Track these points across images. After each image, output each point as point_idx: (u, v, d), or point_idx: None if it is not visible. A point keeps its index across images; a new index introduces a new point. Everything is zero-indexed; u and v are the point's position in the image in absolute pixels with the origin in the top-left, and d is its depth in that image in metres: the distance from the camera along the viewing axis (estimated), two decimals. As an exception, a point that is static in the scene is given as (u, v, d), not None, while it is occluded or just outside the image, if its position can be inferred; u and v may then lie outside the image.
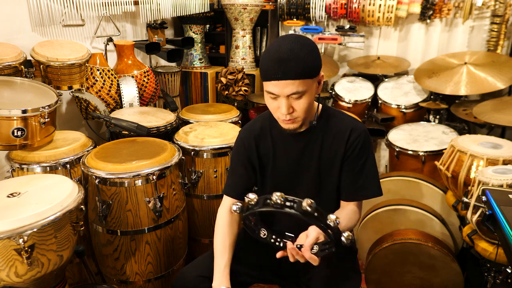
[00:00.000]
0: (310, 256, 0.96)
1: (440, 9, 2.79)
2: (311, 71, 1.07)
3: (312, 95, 1.13)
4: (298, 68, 1.04)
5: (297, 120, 1.15)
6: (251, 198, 0.95)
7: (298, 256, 0.97)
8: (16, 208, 1.14)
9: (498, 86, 2.35)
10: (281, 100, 1.10)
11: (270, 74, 1.07)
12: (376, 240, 1.96)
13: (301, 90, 1.07)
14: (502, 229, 0.97)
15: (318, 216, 0.90)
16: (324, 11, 3.04)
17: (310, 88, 1.10)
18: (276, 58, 1.05)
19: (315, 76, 1.10)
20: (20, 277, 1.14)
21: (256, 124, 1.32)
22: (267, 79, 1.09)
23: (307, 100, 1.10)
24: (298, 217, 0.89)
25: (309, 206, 0.88)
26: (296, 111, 1.12)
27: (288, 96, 1.09)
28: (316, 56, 1.09)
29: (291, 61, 1.03)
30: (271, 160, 1.29)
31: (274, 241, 1.05)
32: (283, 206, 0.91)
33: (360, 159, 1.22)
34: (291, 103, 1.10)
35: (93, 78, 2.20)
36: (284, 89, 1.07)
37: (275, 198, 0.91)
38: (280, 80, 1.05)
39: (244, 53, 3.24)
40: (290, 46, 1.05)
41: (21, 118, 1.57)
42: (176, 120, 2.17)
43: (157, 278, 1.77)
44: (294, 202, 0.91)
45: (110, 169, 1.57)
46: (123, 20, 2.72)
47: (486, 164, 1.58)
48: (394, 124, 2.74)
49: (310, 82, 1.09)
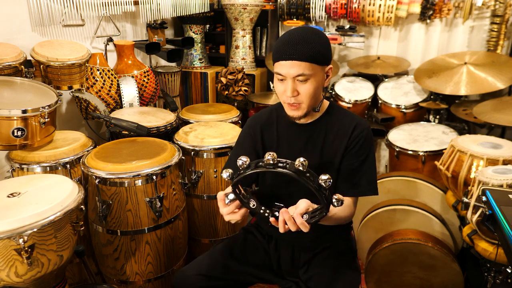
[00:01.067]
0: (302, 221, 0.95)
1: (440, 9, 2.79)
2: (318, 57, 1.11)
3: (318, 82, 1.15)
4: (305, 51, 1.08)
5: (302, 107, 1.17)
6: (244, 161, 0.93)
7: (289, 223, 0.96)
8: (16, 208, 1.14)
9: (498, 86, 2.35)
10: (287, 82, 1.13)
11: (279, 55, 1.12)
12: (376, 240, 1.96)
13: (307, 73, 1.10)
14: (502, 229, 0.97)
15: (309, 176, 0.89)
16: (324, 11, 3.04)
17: (316, 74, 1.13)
18: (286, 41, 1.11)
19: (322, 63, 1.13)
20: (20, 277, 1.14)
21: (264, 114, 1.36)
22: (276, 60, 1.13)
23: (312, 85, 1.13)
24: (290, 176, 0.88)
25: (302, 165, 0.87)
26: (300, 95, 1.15)
27: (294, 78, 1.12)
28: (325, 45, 1.14)
29: (300, 44, 1.09)
30: (274, 150, 1.31)
31: (263, 212, 1.03)
32: (276, 166, 0.90)
33: (360, 156, 1.23)
34: (297, 86, 1.14)
35: (93, 78, 2.20)
36: (290, 70, 1.10)
37: (269, 158, 0.90)
38: (288, 60, 1.10)
39: (244, 53, 3.24)
40: (303, 31, 1.12)
41: (21, 118, 1.57)
42: (176, 120, 2.17)
43: (157, 278, 1.77)
44: (287, 163, 0.90)
45: (110, 169, 1.57)
46: (123, 20, 2.72)
47: (486, 164, 1.58)
48: (394, 124, 2.74)
49: (317, 68, 1.12)
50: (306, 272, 1.31)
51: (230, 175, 0.96)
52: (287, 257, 1.36)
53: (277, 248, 1.38)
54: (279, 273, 1.37)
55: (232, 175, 0.96)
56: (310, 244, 1.34)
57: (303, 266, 1.33)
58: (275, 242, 1.39)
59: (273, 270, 1.37)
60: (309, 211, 0.97)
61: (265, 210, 1.03)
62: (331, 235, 1.35)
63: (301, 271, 1.33)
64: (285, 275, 1.37)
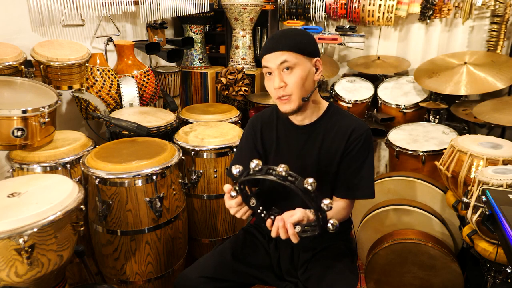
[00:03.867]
0: (293, 232, 0.97)
1: (440, 9, 2.79)
2: (301, 47, 1.14)
3: (304, 72, 1.16)
4: (287, 41, 1.13)
5: (292, 99, 1.18)
6: (256, 163, 0.95)
7: (281, 231, 0.98)
8: (16, 208, 1.14)
9: (498, 86, 2.35)
10: (274, 75, 1.16)
11: (263, 51, 1.18)
12: (376, 240, 1.96)
13: (290, 61, 1.13)
14: (502, 229, 0.97)
15: (314, 197, 0.91)
16: (324, 11, 3.04)
17: (301, 64, 1.15)
18: (270, 38, 1.18)
19: (307, 54, 1.16)
20: (20, 277, 1.14)
21: (266, 113, 1.37)
22: (262, 56, 1.18)
23: (299, 74, 1.15)
24: (296, 192, 0.90)
25: (310, 186, 0.88)
26: (288, 86, 1.16)
27: (280, 69, 1.15)
28: (308, 38, 1.18)
29: (281, 37, 1.15)
30: (273, 151, 1.32)
31: (260, 212, 1.06)
32: (285, 179, 0.92)
33: (359, 159, 1.22)
34: (283, 77, 1.16)
35: (93, 78, 2.20)
36: (275, 60, 1.14)
37: (280, 170, 0.92)
38: (271, 52, 1.14)
39: (244, 53, 3.24)
40: (285, 30, 1.19)
41: (21, 118, 1.57)
42: (176, 120, 2.17)
43: (157, 278, 1.77)
44: (296, 179, 0.92)
45: (110, 169, 1.57)
46: (123, 20, 2.72)
47: (486, 164, 1.58)
48: (394, 124, 2.74)
49: (302, 58, 1.15)
50: (305, 272, 1.31)
51: (240, 171, 0.98)
52: (287, 256, 1.36)
53: (277, 247, 1.38)
54: (279, 274, 1.37)
55: (242, 173, 0.99)
56: (309, 244, 1.34)
57: (302, 266, 1.33)
58: (275, 242, 1.39)
59: (273, 270, 1.37)
60: (303, 222, 0.99)
61: (262, 211, 1.06)
62: (330, 235, 1.34)
63: (300, 271, 1.33)
64: (285, 276, 1.37)
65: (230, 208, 1.08)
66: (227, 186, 1.05)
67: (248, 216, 1.11)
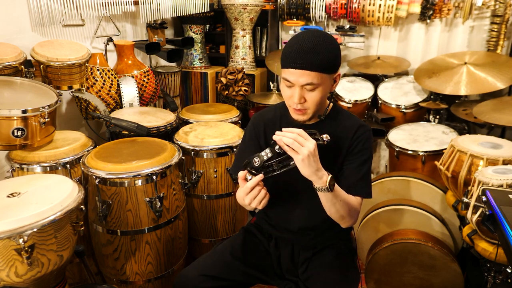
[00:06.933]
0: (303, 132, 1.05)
1: (440, 9, 2.79)
2: (329, 66, 1.10)
3: (325, 90, 1.15)
4: (316, 61, 1.07)
5: (307, 112, 1.18)
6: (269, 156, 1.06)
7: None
8: (16, 208, 1.14)
9: (498, 86, 2.35)
10: (295, 89, 1.13)
11: (288, 62, 1.10)
12: (376, 240, 1.96)
13: (316, 82, 1.10)
14: (502, 229, 0.97)
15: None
16: (324, 11, 3.04)
17: (324, 83, 1.13)
18: (297, 47, 1.09)
19: (332, 72, 1.13)
20: (20, 277, 1.14)
21: (268, 112, 1.37)
22: (285, 66, 1.12)
23: (320, 94, 1.13)
24: None
25: None
26: (307, 102, 1.15)
27: (302, 86, 1.12)
28: (336, 54, 1.13)
29: (311, 53, 1.07)
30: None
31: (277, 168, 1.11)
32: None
33: (359, 158, 1.23)
34: (304, 93, 1.13)
35: (93, 78, 2.20)
36: (299, 78, 1.10)
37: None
38: (297, 69, 1.09)
39: (244, 53, 3.24)
40: (314, 38, 1.09)
41: (21, 118, 1.57)
42: (176, 120, 2.17)
43: (157, 278, 1.77)
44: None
45: (110, 169, 1.57)
46: (123, 20, 2.72)
47: (486, 164, 1.58)
48: (394, 124, 2.74)
49: (326, 77, 1.12)
50: (306, 272, 1.31)
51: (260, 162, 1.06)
52: (287, 255, 1.36)
53: (277, 246, 1.38)
54: (279, 273, 1.37)
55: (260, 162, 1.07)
56: (310, 243, 1.34)
57: (303, 264, 1.33)
58: (275, 241, 1.39)
59: (273, 269, 1.37)
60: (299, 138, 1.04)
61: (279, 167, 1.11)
62: (331, 234, 1.35)
63: (301, 270, 1.33)
64: (285, 275, 1.37)
65: (246, 194, 1.08)
66: (241, 173, 1.09)
67: (264, 204, 1.11)
